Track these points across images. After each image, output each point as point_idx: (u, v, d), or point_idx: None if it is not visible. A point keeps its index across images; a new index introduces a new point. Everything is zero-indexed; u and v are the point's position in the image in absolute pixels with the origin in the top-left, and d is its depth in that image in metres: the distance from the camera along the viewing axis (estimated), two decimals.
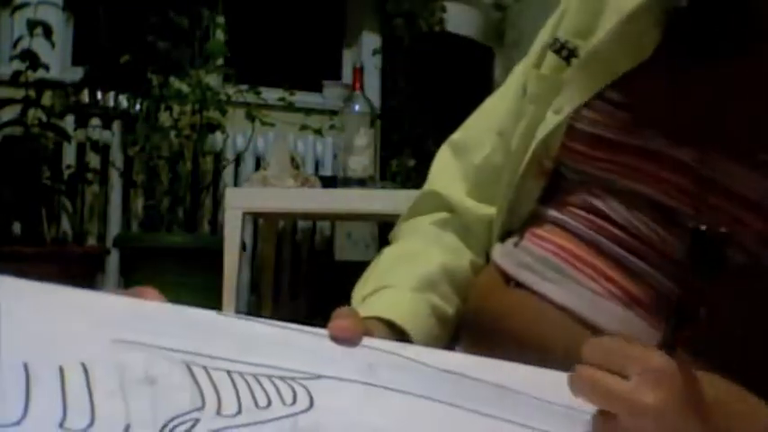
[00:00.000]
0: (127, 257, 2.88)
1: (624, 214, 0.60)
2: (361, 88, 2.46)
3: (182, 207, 2.93)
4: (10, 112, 2.81)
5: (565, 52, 0.67)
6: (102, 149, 3.04)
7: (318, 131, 3.22)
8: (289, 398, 0.45)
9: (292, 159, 2.46)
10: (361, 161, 2.34)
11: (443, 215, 0.76)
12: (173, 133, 2.92)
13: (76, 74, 3.08)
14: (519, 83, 0.74)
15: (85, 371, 0.41)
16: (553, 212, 0.66)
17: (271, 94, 3.17)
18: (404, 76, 3.15)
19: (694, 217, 0.56)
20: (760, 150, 0.54)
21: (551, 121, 0.65)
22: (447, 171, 0.77)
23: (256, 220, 3.16)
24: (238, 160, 3.20)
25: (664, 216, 0.58)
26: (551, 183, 0.68)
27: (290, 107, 3.17)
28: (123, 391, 0.41)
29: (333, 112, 3.17)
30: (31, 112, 2.81)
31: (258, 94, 3.09)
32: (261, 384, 0.45)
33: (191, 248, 2.75)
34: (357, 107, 2.37)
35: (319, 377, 0.48)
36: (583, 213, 0.63)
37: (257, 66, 3.34)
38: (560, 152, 0.66)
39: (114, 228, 3.05)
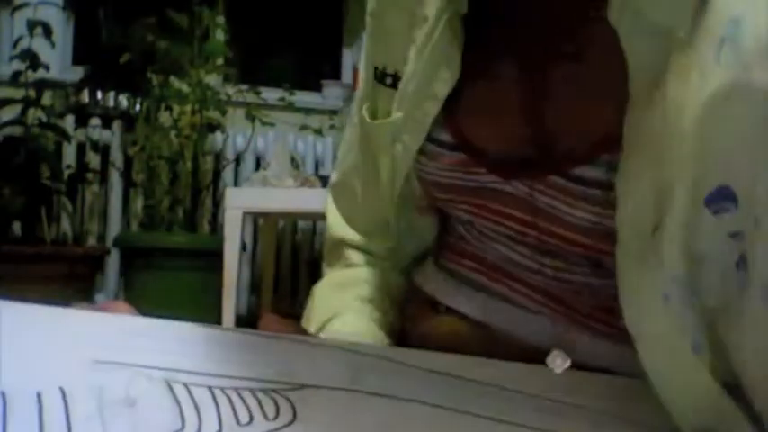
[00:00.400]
0: (127, 257, 2.88)
1: (503, 248, 0.61)
2: None
3: (182, 207, 2.93)
4: (10, 112, 2.81)
5: (388, 80, 0.64)
6: (102, 149, 3.04)
7: (318, 131, 3.22)
8: (271, 412, 0.44)
9: (292, 159, 2.46)
10: None
11: (348, 260, 0.76)
12: (173, 133, 2.92)
13: (76, 74, 3.08)
14: (360, 129, 0.72)
15: (63, 395, 0.40)
16: (460, 242, 0.66)
17: (271, 94, 3.17)
18: None
19: (538, 247, 0.58)
20: (574, 166, 0.52)
21: (400, 171, 0.63)
22: (335, 216, 0.78)
23: (256, 220, 3.16)
24: (238, 160, 3.20)
25: (523, 245, 0.59)
26: (443, 215, 0.68)
27: (290, 107, 3.18)
28: (101, 414, 0.40)
29: (333, 112, 3.18)
30: (31, 112, 2.81)
31: (258, 94, 3.10)
32: (243, 399, 0.44)
33: (191, 248, 2.75)
34: None
35: (303, 387, 0.47)
36: (480, 246, 0.63)
37: (257, 66, 3.35)
38: (426, 197, 0.65)
39: (114, 228, 3.06)
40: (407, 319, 0.71)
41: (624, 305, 0.49)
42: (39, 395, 0.40)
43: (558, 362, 0.56)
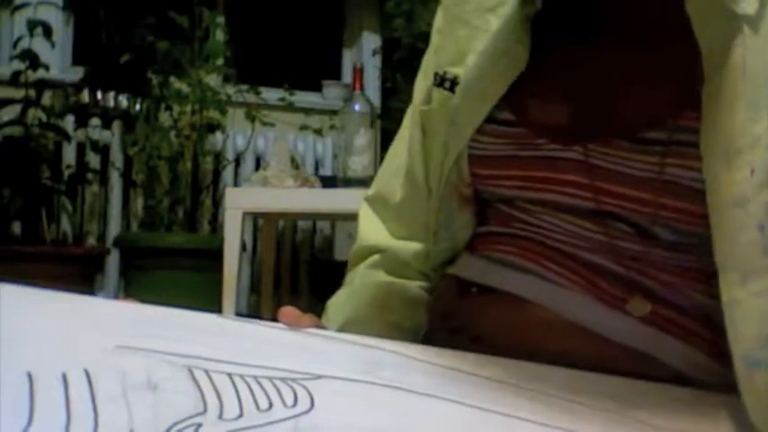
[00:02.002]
0: (127, 257, 2.88)
1: (548, 220, 0.64)
2: (361, 88, 2.46)
3: (182, 207, 2.94)
4: (10, 112, 2.81)
5: (447, 83, 0.69)
6: (102, 149, 3.04)
7: (318, 131, 3.22)
8: (290, 399, 0.45)
9: (292, 159, 2.46)
10: (361, 161, 2.34)
11: (375, 257, 0.77)
12: (173, 133, 2.92)
13: (76, 74, 3.08)
14: (415, 123, 0.76)
15: (88, 377, 0.41)
16: (495, 228, 0.68)
17: (271, 94, 3.17)
18: (404, 76, 3.16)
19: (591, 210, 0.61)
20: (638, 129, 0.58)
21: (452, 151, 0.68)
22: (370, 225, 0.80)
23: (256, 220, 3.16)
24: (238, 160, 3.20)
25: (571, 214, 0.62)
26: (481, 207, 0.70)
27: (290, 107, 3.18)
28: (126, 397, 0.41)
29: (333, 112, 3.18)
30: (31, 112, 2.81)
31: (258, 94, 3.10)
32: (262, 386, 0.45)
33: (191, 248, 2.75)
34: (357, 107, 2.37)
35: (320, 377, 0.48)
36: (519, 225, 0.66)
37: (257, 66, 3.35)
38: (472, 179, 0.68)
39: (114, 228, 3.06)
40: (439, 308, 0.72)
41: (717, 238, 0.54)
42: (64, 376, 0.40)
43: (640, 307, 0.59)
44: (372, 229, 0.79)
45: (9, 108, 2.79)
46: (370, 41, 3.53)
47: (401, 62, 3.21)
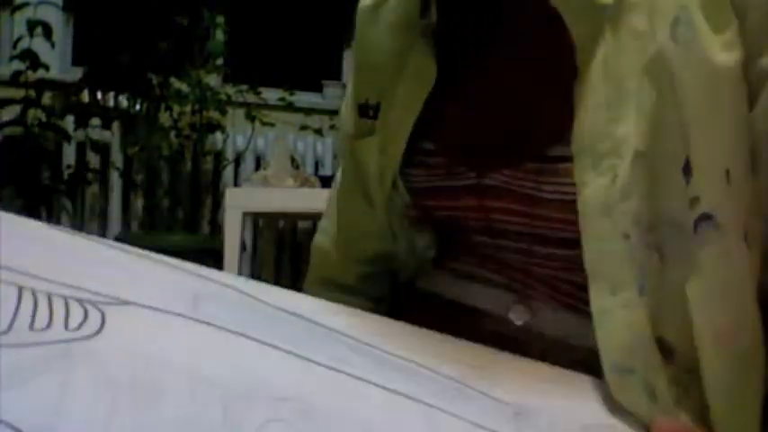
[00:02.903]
0: None
1: (490, 242, 0.64)
2: None
3: (182, 207, 2.93)
4: (10, 112, 2.81)
5: (371, 111, 0.69)
6: (102, 149, 3.04)
7: (318, 131, 3.22)
8: (75, 322, 0.40)
9: (292, 159, 2.46)
10: None
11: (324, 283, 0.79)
12: (173, 133, 2.91)
13: (76, 74, 3.08)
14: (347, 154, 0.75)
15: None
16: (458, 245, 0.69)
17: (271, 94, 3.17)
18: None
19: (479, 227, 0.62)
20: (548, 146, 0.57)
21: (387, 181, 0.67)
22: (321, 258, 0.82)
23: (256, 220, 3.16)
24: (238, 160, 3.20)
25: (505, 238, 0.63)
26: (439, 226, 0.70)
27: (290, 107, 3.17)
28: None
29: (333, 112, 3.17)
30: (31, 112, 2.81)
31: (258, 94, 3.09)
32: (50, 304, 0.41)
33: (191, 248, 2.75)
34: None
35: (126, 303, 0.43)
36: (472, 243, 0.66)
37: (257, 66, 3.34)
38: (414, 206, 0.68)
39: (114, 228, 3.05)
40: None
41: (585, 247, 0.54)
42: None
43: (519, 315, 0.61)
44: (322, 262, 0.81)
45: (9, 108, 2.79)
46: None
47: None
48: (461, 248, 0.67)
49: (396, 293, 0.76)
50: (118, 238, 2.94)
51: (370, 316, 0.55)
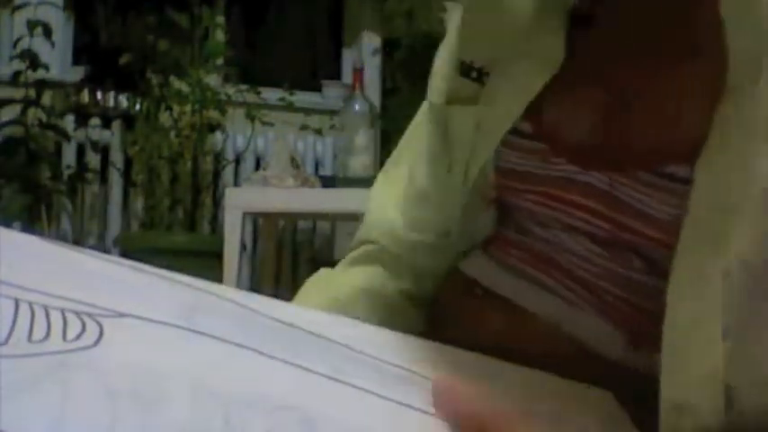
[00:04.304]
0: (127, 257, 2.87)
1: (562, 238, 0.61)
2: (361, 88, 2.46)
3: (182, 207, 2.93)
4: (10, 112, 2.81)
5: (474, 73, 0.64)
6: (102, 149, 3.04)
7: (318, 131, 3.22)
8: (72, 334, 0.40)
9: (292, 159, 2.46)
10: (361, 161, 2.34)
11: (368, 248, 0.74)
12: (173, 133, 2.92)
13: (76, 74, 3.08)
14: (435, 122, 0.71)
15: None
16: (511, 235, 0.66)
17: (271, 94, 3.17)
18: (404, 77, 3.16)
19: (606, 237, 0.57)
20: (659, 164, 0.53)
21: (479, 159, 0.64)
22: (380, 200, 0.76)
23: (256, 220, 3.16)
24: (238, 160, 3.20)
25: (586, 238, 0.59)
26: (501, 210, 0.68)
27: (290, 107, 3.17)
28: None
29: (333, 112, 3.17)
30: (31, 112, 2.81)
31: (258, 94, 3.09)
32: (48, 316, 0.40)
33: (191, 248, 2.75)
34: (357, 107, 2.37)
35: (123, 315, 0.43)
36: (535, 237, 0.63)
37: (257, 66, 3.34)
38: (496, 185, 0.65)
39: (114, 228, 3.06)
40: (439, 303, 0.70)
41: (677, 278, 0.50)
42: None
43: (559, 317, 0.58)
44: (381, 207, 0.75)
45: (9, 108, 2.79)
46: (371, 41, 3.53)
47: (401, 62, 3.21)
48: (517, 241, 0.65)
49: (439, 275, 0.72)
50: (118, 238, 2.94)
51: (368, 326, 0.55)
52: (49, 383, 0.36)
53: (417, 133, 0.75)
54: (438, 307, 0.71)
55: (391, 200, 0.75)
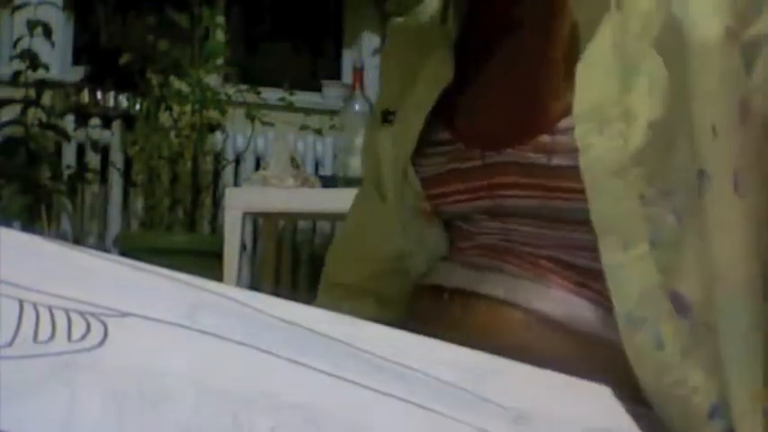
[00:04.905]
0: (127, 257, 2.87)
1: (499, 226, 0.66)
2: (361, 88, 2.46)
3: (182, 207, 2.93)
4: (10, 112, 2.81)
5: (391, 117, 0.74)
6: (102, 149, 3.04)
7: (318, 131, 3.22)
8: (77, 334, 0.40)
9: (292, 159, 2.46)
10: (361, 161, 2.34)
11: (334, 292, 0.82)
12: (173, 133, 2.91)
13: (76, 74, 3.08)
14: (370, 198, 0.80)
15: None
16: (462, 243, 0.70)
17: (271, 94, 3.17)
18: None
19: (488, 208, 0.65)
20: (550, 126, 0.61)
21: (399, 166, 0.71)
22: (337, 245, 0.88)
23: (256, 220, 3.16)
24: (238, 160, 3.20)
25: (519, 217, 0.64)
26: (445, 221, 0.72)
27: (290, 107, 3.17)
28: None
29: (333, 112, 3.17)
30: (31, 112, 2.81)
31: (258, 94, 3.09)
32: (53, 317, 0.40)
33: (191, 248, 2.75)
34: (357, 107, 2.37)
35: (126, 315, 0.43)
36: (481, 235, 0.68)
37: (257, 66, 3.34)
38: (426, 196, 0.70)
39: (114, 228, 3.05)
40: (411, 320, 0.71)
41: (595, 205, 0.57)
42: None
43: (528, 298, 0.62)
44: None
45: (9, 108, 2.79)
46: (370, 41, 3.52)
47: None
48: (469, 241, 0.68)
49: (404, 295, 0.76)
50: (118, 238, 2.94)
51: (368, 324, 0.56)
52: (54, 384, 0.36)
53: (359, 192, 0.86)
54: (411, 324, 0.72)
55: (344, 242, 0.85)
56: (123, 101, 3.02)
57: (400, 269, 0.75)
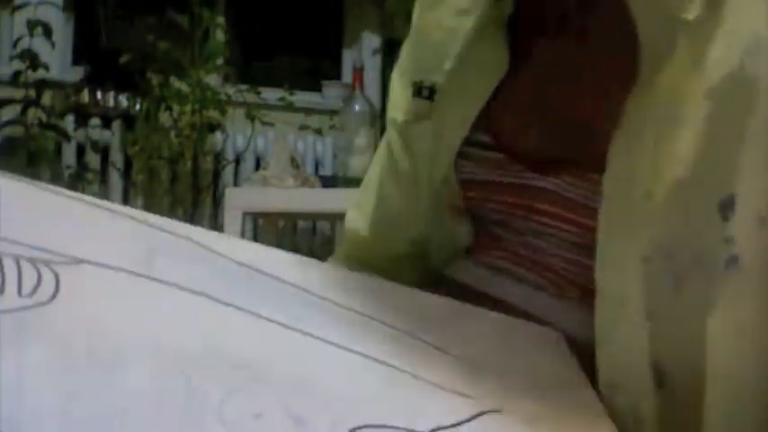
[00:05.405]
0: None
1: (534, 243, 0.62)
2: (361, 88, 2.46)
3: (182, 207, 2.93)
4: (10, 112, 2.81)
5: (425, 92, 0.66)
6: (102, 149, 3.04)
7: (318, 131, 3.22)
8: (28, 287, 0.37)
9: (292, 159, 2.46)
10: (361, 161, 2.34)
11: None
12: (173, 133, 2.92)
13: (76, 74, 3.08)
14: (395, 141, 0.73)
15: None
16: (488, 240, 0.68)
17: (271, 94, 3.17)
18: None
19: (523, 228, 0.61)
20: (589, 168, 0.56)
21: (439, 170, 0.66)
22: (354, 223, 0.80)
23: (256, 220, 3.16)
24: (238, 160, 3.20)
25: (554, 239, 0.61)
26: (475, 219, 0.69)
27: (290, 107, 3.18)
28: None
29: (333, 112, 3.17)
30: (31, 112, 2.81)
31: (258, 93, 3.09)
32: (2, 266, 0.37)
33: None
34: (357, 107, 2.37)
35: (80, 262, 0.40)
36: (511, 242, 0.65)
37: (257, 66, 3.34)
38: (462, 196, 0.67)
39: None
40: None
41: (601, 263, 0.53)
42: None
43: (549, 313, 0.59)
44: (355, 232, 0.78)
45: (9, 108, 2.79)
46: (370, 41, 3.53)
47: None
48: (498, 243, 0.66)
49: (424, 282, 0.74)
50: None
51: (331, 268, 0.55)
52: (5, 350, 0.33)
53: (384, 153, 0.77)
54: None
55: (366, 221, 0.77)
56: (123, 101, 3.03)
57: (421, 256, 0.72)
